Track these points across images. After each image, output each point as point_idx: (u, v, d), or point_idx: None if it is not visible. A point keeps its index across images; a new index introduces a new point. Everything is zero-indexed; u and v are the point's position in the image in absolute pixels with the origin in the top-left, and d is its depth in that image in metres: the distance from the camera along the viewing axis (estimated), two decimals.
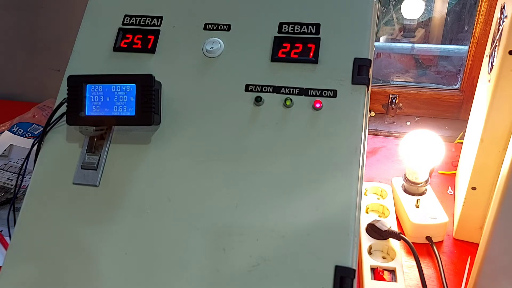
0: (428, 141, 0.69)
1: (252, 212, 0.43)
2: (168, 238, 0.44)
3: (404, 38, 1.07)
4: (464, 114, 0.95)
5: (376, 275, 0.59)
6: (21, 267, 0.46)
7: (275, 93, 0.47)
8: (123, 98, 0.45)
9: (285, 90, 0.47)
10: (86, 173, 0.48)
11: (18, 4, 1.06)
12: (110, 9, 0.55)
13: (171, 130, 0.48)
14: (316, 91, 0.46)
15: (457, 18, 1.02)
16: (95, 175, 0.47)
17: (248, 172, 0.44)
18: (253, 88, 0.47)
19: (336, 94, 0.45)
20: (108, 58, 0.52)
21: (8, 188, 0.82)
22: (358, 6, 0.48)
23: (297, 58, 0.48)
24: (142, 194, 0.46)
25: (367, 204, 0.71)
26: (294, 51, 0.48)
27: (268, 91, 0.47)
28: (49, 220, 0.47)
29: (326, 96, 0.46)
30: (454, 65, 1.04)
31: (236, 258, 0.42)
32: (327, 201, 0.42)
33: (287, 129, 0.45)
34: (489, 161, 0.59)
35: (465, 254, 0.65)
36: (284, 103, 0.46)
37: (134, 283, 0.43)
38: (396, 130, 0.97)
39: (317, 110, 0.45)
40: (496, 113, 0.56)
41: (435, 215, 0.67)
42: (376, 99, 1.00)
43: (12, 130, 0.98)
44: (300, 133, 0.45)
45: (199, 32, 0.51)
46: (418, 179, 0.71)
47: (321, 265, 0.40)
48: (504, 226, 0.44)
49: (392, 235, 0.62)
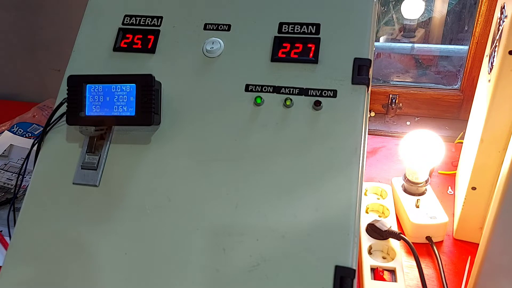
0: (428, 141, 0.69)
1: (252, 212, 0.43)
2: (168, 238, 0.44)
3: (404, 38, 1.07)
4: (464, 114, 0.95)
5: (376, 275, 0.59)
6: (21, 267, 0.46)
7: (275, 93, 0.47)
8: (123, 98, 0.45)
9: (285, 90, 0.47)
10: (86, 173, 0.48)
11: (18, 4, 1.06)
12: (110, 9, 0.55)
13: (171, 130, 0.48)
14: (316, 91, 0.46)
15: (457, 18, 1.02)
16: (95, 175, 0.47)
17: (248, 172, 0.44)
18: (253, 88, 0.47)
19: (336, 94, 0.45)
20: (108, 58, 0.52)
21: (8, 188, 0.82)
22: (358, 6, 0.48)
23: (297, 58, 0.48)
24: (142, 194, 0.46)
25: (367, 204, 0.71)
26: (294, 51, 0.48)
27: (268, 91, 0.47)
28: (49, 220, 0.47)
29: (326, 96, 0.46)
30: (454, 65, 1.04)
31: (236, 258, 0.42)
32: (327, 201, 0.42)
33: (287, 129, 0.45)
34: (489, 161, 0.59)
35: (465, 254, 0.65)
36: (284, 103, 0.46)
37: (134, 283, 0.43)
38: (396, 130, 0.97)
39: (317, 110, 0.45)
40: (496, 113, 0.56)
41: (435, 215, 0.67)
42: (376, 99, 1.00)
43: (12, 130, 0.98)
44: (300, 133, 0.45)
45: (199, 32, 0.51)
46: (418, 179, 0.71)
47: (321, 265, 0.40)
48: (504, 226, 0.44)
49: (392, 235, 0.62)
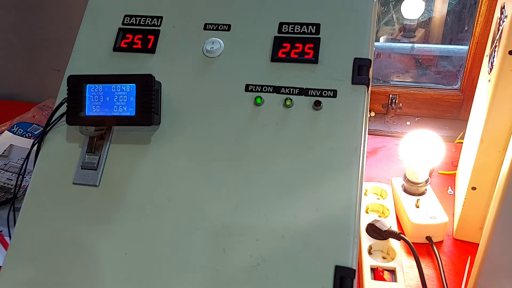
0: (428, 141, 0.69)
1: (252, 212, 0.43)
2: (168, 238, 0.44)
3: (404, 38, 1.07)
4: (464, 114, 0.95)
5: (376, 275, 0.59)
6: (21, 267, 0.46)
7: (275, 93, 0.47)
8: (123, 98, 0.45)
9: (285, 90, 0.47)
10: (86, 173, 0.48)
11: (18, 4, 1.06)
12: (110, 9, 0.55)
13: (171, 130, 0.48)
14: (316, 91, 0.46)
15: (457, 18, 1.02)
16: (95, 175, 0.47)
17: (248, 172, 0.44)
18: (253, 88, 0.47)
19: (336, 94, 0.45)
20: (108, 58, 0.52)
21: (8, 188, 0.82)
22: (358, 6, 0.48)
23: (297, 58, 0.48)
24: (142, 194, 0.46)
25: (367, 204, 0.71)
26: (294, 51, 0.48)
27: (268, 91, 0.47)
28: (49, 220, 0.47)
29: (326, 96, 0.46)
30: (454, 65, 1.04)
31: (236, 258, 0.42)
32: (327, 201, 0.42)
33: (287, 129, 0.45)
34: (489, 161, 0.59)
35: (465, 254, 0.65)
36: (284, 103, 0.46)
37: (134, 283, 0.43)
38: (396, 130, 0.97)
39: (317, 110, 0.45)
40: (496, 113, 0.56)
41: (435, 215, 0.67)
42: (376, 99, 1.00)
43: (12, 130, 0.98)
44: (300, 133, 0.45)
45: (199, 32, 0.51)
46: (418, 179, 0.71)
47: (321, 265, 0.40)
48: (504, 226, 0.44)
49: (392, 235, 0.62)
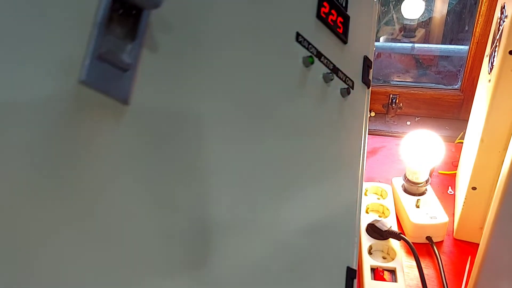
0: (428, 141, 0.69)
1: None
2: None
3: (404, 38, 1.07)
4: (464, 114, 0.95)
5: (376, 275, 0.59)
6: None
7: (317, 59, 0.38)
8: None
9: (324, 60, 0.39)
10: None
11: None
12: None
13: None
14: (343, 75, 0.40)
15: (457, 18, 1.02)
16: None
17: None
18: (302, 41, 0.37)
19: (353, 87, 0.42)
20: None
21: None
22: None
23: (333, 26, 0.40)
24: None
25: (367, 204, 0.71)
26: (331, 17, 0.40)
27: (313, 53, 0.38)
28: None
29: (348, 86, 0.41)
30: (454, 65, 1.04)
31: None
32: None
33: (320, 111, 0.39)
34: (489, 161, 0.59)
35: (465, 254, 0.65)
36: (327, 75, 0.39)
37: None
38: (396, 130, 0.97)
39: (344, 99, 0.41)
40: (496, 113, 0.56)
41: (435, 215, 0.67)
42: (376, 99, 1.00)
43: None
44: (327, 124, 0.41)
45: None
46: (418, 179, 0.71)
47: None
48: (504, 226, 0.44)
49: (392, 235, 0.62)
